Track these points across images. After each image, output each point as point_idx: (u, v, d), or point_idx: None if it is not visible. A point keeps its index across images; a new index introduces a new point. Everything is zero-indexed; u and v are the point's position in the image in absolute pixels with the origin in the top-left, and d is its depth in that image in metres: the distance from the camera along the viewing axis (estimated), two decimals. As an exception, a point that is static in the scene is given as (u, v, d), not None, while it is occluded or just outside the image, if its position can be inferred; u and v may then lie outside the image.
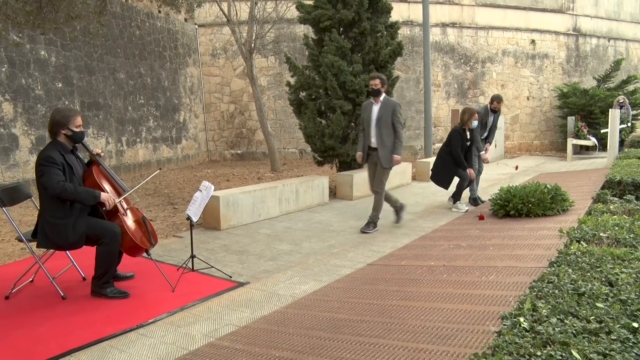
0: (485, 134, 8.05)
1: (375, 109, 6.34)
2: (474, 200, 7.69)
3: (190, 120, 15.19)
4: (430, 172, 7.89)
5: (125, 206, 4.29)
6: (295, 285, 4.38)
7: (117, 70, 11.98)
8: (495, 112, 7.97)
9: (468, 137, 7.48)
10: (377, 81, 6.27)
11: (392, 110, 6.25)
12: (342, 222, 7.03)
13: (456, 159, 7.39)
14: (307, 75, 9.32)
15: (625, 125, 13.03)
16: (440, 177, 7.58)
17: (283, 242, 5.97)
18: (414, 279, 4.11)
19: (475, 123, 7.39)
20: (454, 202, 7.54)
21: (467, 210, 7.36)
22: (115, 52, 11.96)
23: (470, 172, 7.38)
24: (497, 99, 7.94)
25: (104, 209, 4.10)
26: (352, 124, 9.08)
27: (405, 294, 3.74)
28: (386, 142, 6.29)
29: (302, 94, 9.46)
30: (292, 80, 9.67)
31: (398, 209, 6.77)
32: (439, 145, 16.30)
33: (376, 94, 6.33)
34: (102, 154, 4.38)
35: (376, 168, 6.43)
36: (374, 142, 6.38)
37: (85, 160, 4.39)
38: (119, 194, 4.27)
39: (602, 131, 14.05)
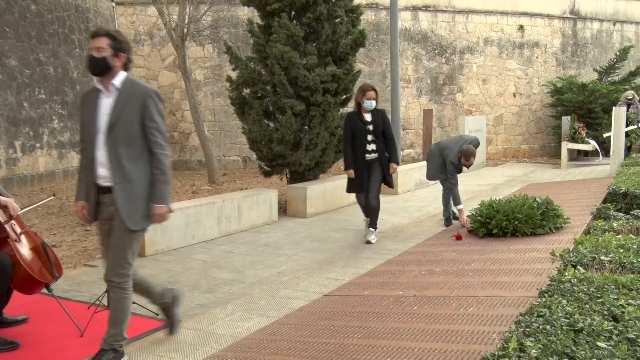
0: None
1: (106, 103, 3.68)
2: (447, 220, 7.71)
3: (107, 122, 14.85)
4: None
5: (17, 230, 4.14)
6: (237, 322, 4.35)
7: (6, 55, 11.50)
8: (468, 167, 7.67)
9: (368, 120, 6.97)
10: (104, 40, 3.65)
11: (141, 106, 3.70)
12: (293, 244, 7.02)
13: (343, 151, 7.26)
14: (252, 68, 9.30)
15: (634, 127, 13.08)
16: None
17: (222, 270, 5.92)
18: (378, 312, 4.13)
19: (371, 103, 6.92)
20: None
21: (371, 241, 6.99)
22: (2, 32, 11.50)
23: (349, 172, 6.98)
24: (465, 155, 7.32)
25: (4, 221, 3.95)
26: (306, 127, 9.10)
27: (368, 330, 3.75)
28: (132, 174, 3.67)
29: (246, 91, 9.43)
30: (234, 75, 9.63)
31: (168, 305, 4.09)
32: (409, 151, 16.55)
33: (102, 68, 3.68)
34: None
35: (113, 229, 3.70)
36: (102, 175, 3.65)
37: None
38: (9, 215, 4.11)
39: (604, 135, 14.03)
